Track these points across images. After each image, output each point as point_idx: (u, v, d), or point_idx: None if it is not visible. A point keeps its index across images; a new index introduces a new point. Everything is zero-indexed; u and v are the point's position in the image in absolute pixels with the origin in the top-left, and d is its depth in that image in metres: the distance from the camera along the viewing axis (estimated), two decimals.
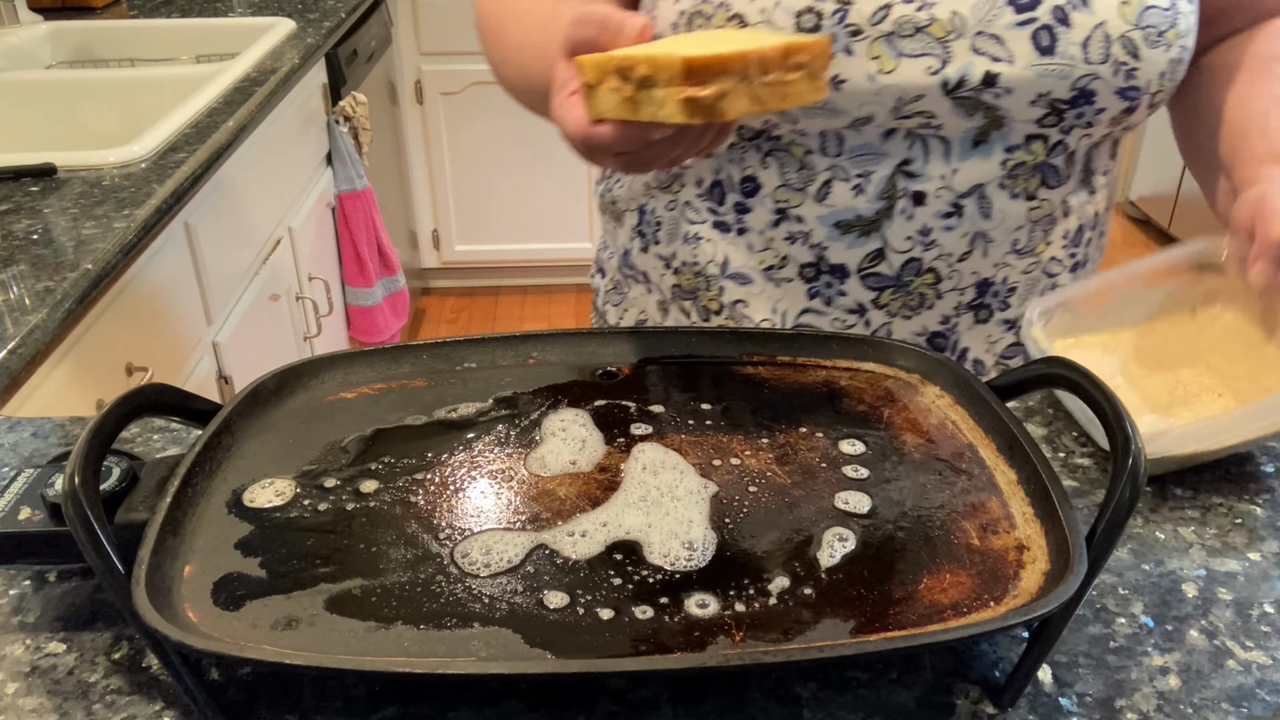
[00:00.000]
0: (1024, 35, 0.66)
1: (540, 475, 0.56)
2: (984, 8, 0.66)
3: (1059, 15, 0.66)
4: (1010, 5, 0.66)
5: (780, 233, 0.75)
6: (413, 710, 0.48)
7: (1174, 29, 0.68)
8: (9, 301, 0.99)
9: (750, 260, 0.77)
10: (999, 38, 0.66)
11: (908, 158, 0.70)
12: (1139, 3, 0.67)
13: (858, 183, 0.71)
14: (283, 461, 0.56)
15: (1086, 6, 0.66)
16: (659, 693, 0.49)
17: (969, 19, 0.66)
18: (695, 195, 0.78)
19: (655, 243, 0.83)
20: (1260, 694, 0.49)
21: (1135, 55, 0.67)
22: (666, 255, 0.82)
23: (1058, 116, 0.69)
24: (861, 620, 0.46)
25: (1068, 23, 0.66)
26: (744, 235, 0.76)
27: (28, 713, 0.48)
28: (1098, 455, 0.66)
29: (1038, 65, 0.67)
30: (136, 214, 1.17)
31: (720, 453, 0.57)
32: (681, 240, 0.80)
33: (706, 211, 0.78)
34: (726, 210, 0.76)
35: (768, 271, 0.76)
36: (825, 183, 0.72)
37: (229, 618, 0.46)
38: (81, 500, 0.45)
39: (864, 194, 0.72)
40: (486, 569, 0.49)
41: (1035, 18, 0.66)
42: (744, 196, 0.75)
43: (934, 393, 0.62)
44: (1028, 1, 0.66)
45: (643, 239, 0.84)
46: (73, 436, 0.70)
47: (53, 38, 1.92)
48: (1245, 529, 0.60)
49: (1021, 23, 0.66)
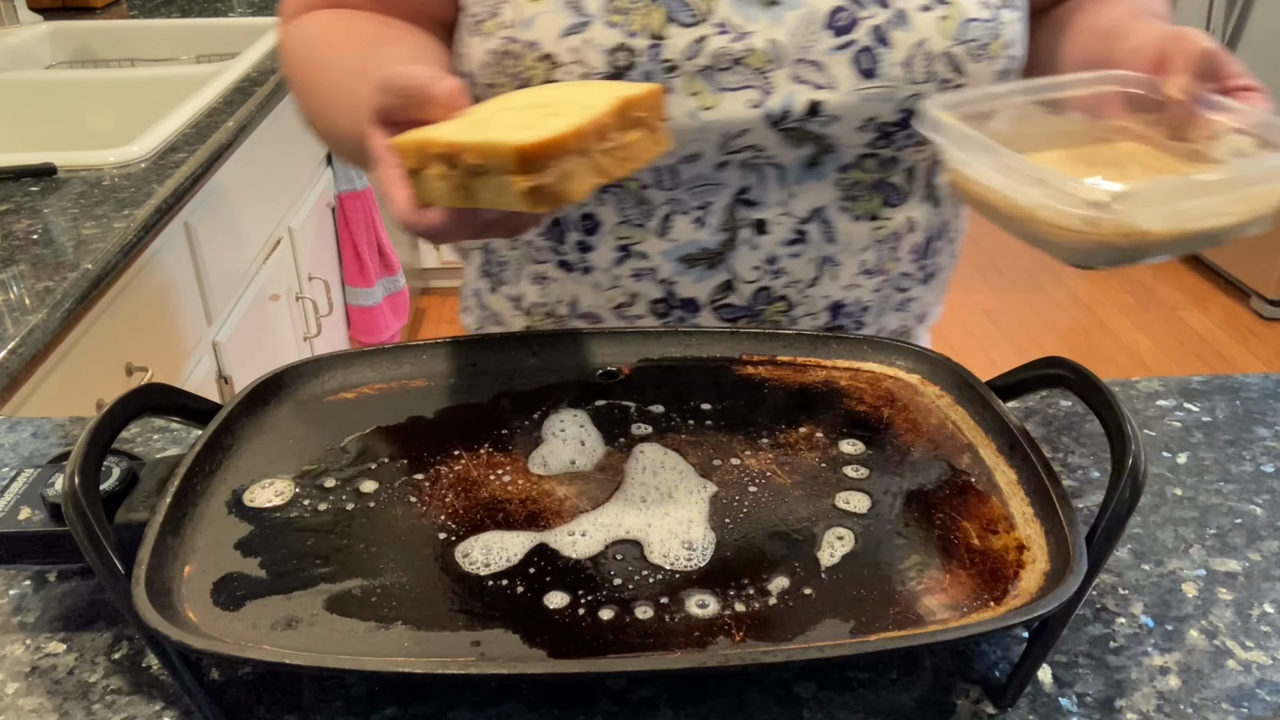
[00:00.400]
0: (844, 59, 0.64)
1: (540, 475, 0.56)
2: (801, 34, 0.64)
3: (878, 36, 0.64)
4: (828, 29, 0.64)
5: (626, 270, 0.72)
6: (413, 710, 0.48)
7: (998, 40, 0.67)
8: (9, 301, 0.99)
9: (599, 299, 0.74)
10: (819, 64, 0.64)
11: (744, 185, 0.69)
12: (959, 17, 0.65)
13: (698, 215, 0.70)
14: (283, 461, 0.56)
15: (906, 25, 0.64)
16: (659, 693, 0.49)
17: (787, 47, 0.64)
18: (537, 234, 0.75)
19: (503, 283, 0.80)
20: (1260, 694, 0.49)
21: (959, 71, 0.66)
22: (515, 296, 0.79)
23: (888, 139, 0.68)
24: (861, 620, 0.46)
25: (888, 43, 0.64)
26: (590, 274, 0.73)
27: (28, 713, 0.48)
28: (1098, 455, 0.66)
29: (861, 89, 0.65)
30: (136, 214, 1.17)
31: (720, 453, 0.57)
32: (528, 280, 0.77)
33: (549, 251, 0.74)
34: (569, 249, 0.73)
35: (618, 309, 0.74)
36: (665, 217, 0.70)
37: (229, 618, 0.46)
38: (81, 500, 0.45)
39: (705, 226, 0.70)
40: (486, 569, 0.49)
41: (854, 40, 0.64)
42: (585, 235, 0.72)
43: (934, 393, 0.62)
44: (845, 24, 0.64)
45: (490, 279, 0.81)
46: (73, 436, 0.70)
47: (53, 38, 1.92)
48: (1245, 529, 0.60)
49: (840, 46, 0.64)
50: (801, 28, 0.64)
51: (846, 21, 0.64)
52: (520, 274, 0.78)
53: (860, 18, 0.64)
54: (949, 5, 0.65)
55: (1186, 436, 0.69)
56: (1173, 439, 0.68)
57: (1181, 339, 2.98)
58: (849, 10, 0.64)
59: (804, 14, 0.64)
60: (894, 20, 0.64)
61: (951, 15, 0.65)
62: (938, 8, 0.65)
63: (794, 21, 0.64)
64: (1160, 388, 0.74)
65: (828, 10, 0.64)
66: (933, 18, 0.65)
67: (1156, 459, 0.66)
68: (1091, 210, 0.50)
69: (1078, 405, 0.72)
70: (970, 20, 0.66)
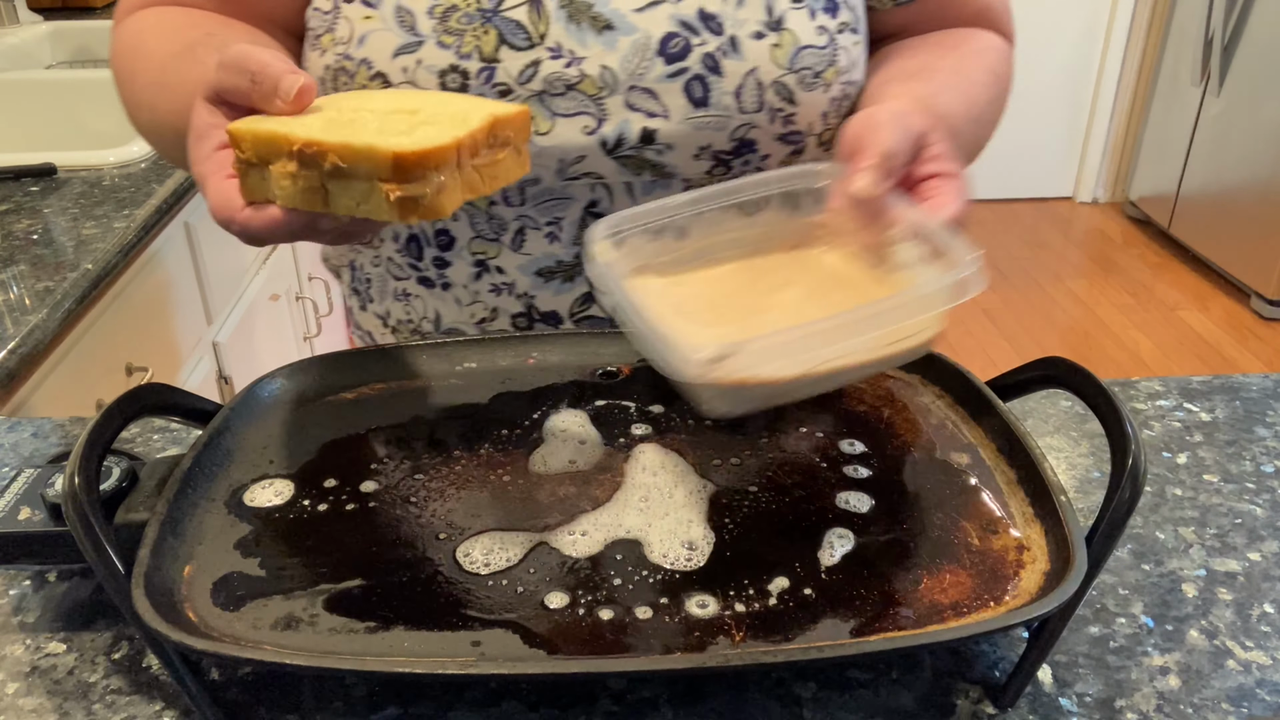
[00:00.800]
0: (676, 88, 0.64)
1: (540, 475, 0.56)
2: (634, 61, 0.63)
3: (710, 64, 0.63)
4: (660, 56, 0.63)
5: (484, 285, 0.72)
6: (413, 710, 0.48)
7: (833, 67, 0.66)
8: (9, 301, 0.99)
9: (461, 314, 0.73)
10: (652, 92, 0.64)
11: (593, 199, 0.68)
12: (792, 45, 0.64)
13: (550, 230, 0.69)
14: (283, 461, 0.56)
15: (737, 53, 0.63)
16: (659, 693, 0.49)
17: (620, 74, 0.63)
18: (395, 251, 0.74)
19: (370, 300, 0.79)
20: (1260, 694, 0.49)
21: (791, 100, 0.65)
22: (382, 313, 0.78)
23: (725, 167, 0.67)
24: (861, 620, 0.46)
25: (719, 71, 0.63)
26: (449, 290, 0.73)
27: (28, 713, 0.48)
28: (1098, 455, 0.66)
29: (693, 118, 0.64)
30: (136, 214, 1.17)
31: (720, 453, 0.57)
32: (392, 298, 0.76)
33: (408, 267, 0.73)
34: (426, 265, 0.73)
35: (480, 324, 0.74)
36: (518, 231, 0.69)
37: (229, 618, 0.46)
38: (81, 500, 0.45)
39: (559, 240, 0.69)
40: (486, 569, 0.49)
41: (687, 68, 0.63)
42: (441, 250, 0.71)
43: (934, 393, 0.62)
44: (678, 51, 0.63)
45: (359, 297, 0.80)
46: (73, 436, 0.70)
47: (53, 38, 1.92)
48: (1245, 529, 0.60)
49: (673, 74, 0.63)
50: (634, 54, 0.63)
51: (679, 49, 0.63)
52: (384, 291, 0.77)
53: (693, 45, 0.63)
54: (782, 32, 0.64)
55: (1186, 436, 0.69)
56: (1173, 439, 0.68)
57: (1181, 339, 2.98)
58: (682, 37, 0.63)
59: (637, 40, 0.63)
60: (726, 48, 0.63)
61: (784, 43, 0.64)
62: (770, 35, 0.64)
63: (627, 48, 0.63)
64: (1160, 388, 0.74)
65: (661, 37, 0.63)
66: (765, 45, 0.64)
67: (1156, 459, 0.66)
68: (703, 369, 0.47)
69: (1078, 405, 0.72)
70: (804, 48, 0.64)
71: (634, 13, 0.63)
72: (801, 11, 0.65)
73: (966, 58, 0.72)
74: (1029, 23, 3.63)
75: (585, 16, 0.63)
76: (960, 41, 0.74)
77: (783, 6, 0.64)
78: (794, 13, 0.65)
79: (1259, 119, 2.97)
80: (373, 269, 0.77)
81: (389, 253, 0.74)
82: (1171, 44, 3.44)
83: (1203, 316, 3.09)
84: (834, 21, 0.66)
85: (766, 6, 0.64)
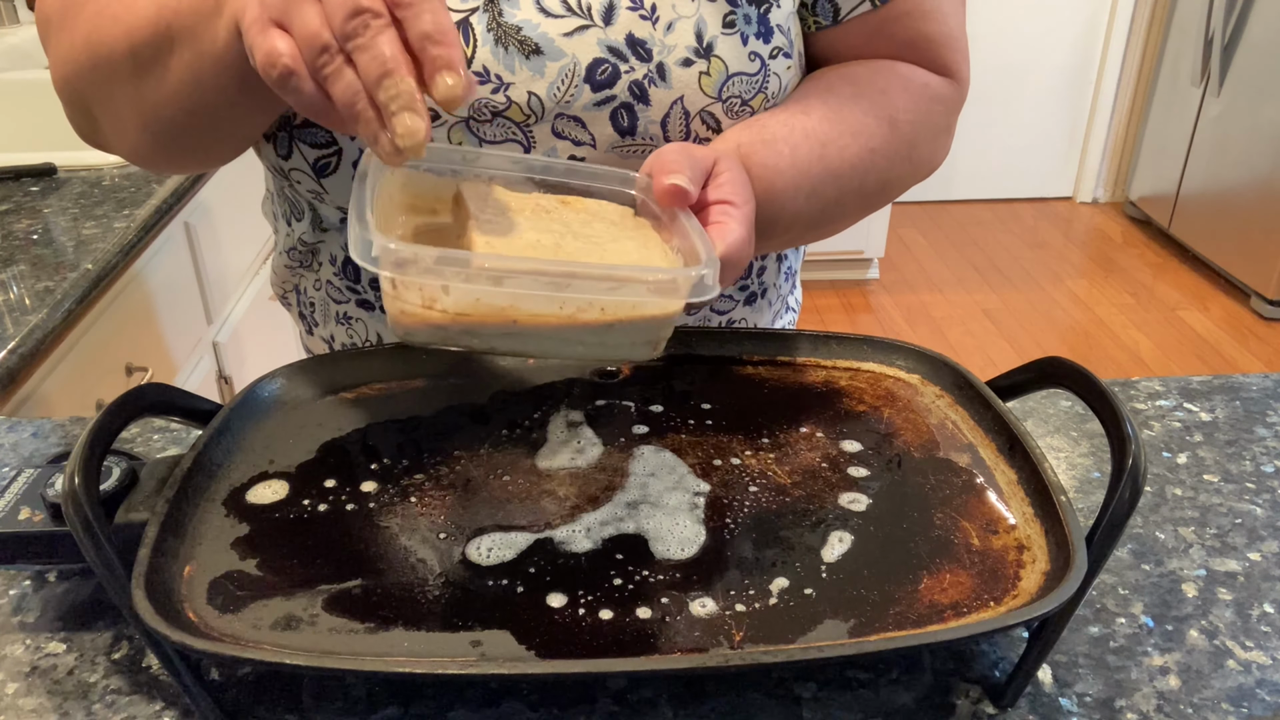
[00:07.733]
0: (603, 116, 0.62)
1: (540, 475, 0.56)
2: (561, 89, 0.62)
3: (637, 92, 0.62)
4: (588, 83, 0.62)
5: None
6: (413, 710, 0.48)
7: (762, 94, 0.64)
8: (9, 301, 0.99)
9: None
10: (579, 119, 0.62)
11: None
12: (720, 73, 0.63)
13: None
14: (282, 461, 0.56)
15: (665, 81, 0.62)
16: (659, 693, 0.49)
17: (546, 101, 0.62)
18: (333, 274, 0.73)
19: (316, 324, 0.78)
20: (1260, 694, 0.49)
21: (718, 129, 0.64)
22: (327, 338, 0.78)
23: None
24: (861, 620, 0.46)
25: (646, 100, 0.62)
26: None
27: (28, 713, 0.48)
28: (1098, 455, 0.66)
29: (620, 147, 0.63)
30: (136, 214, 1.17)
31: (720, 453, 0.57)
32: (335, 321, 0.76)
33: (347, 290, 0.73)
34: (364, 288, 0.72)
35: None
36: None
37: (229, 618, 0.46)
38: (81, 500, 0.45)
39: None
40: (486, 569, 0.49)
41: (614, 95, 0.62)
42: None
43: (934, 393, 0.62)
44: (605, 78, 0.62)
45: (305, 322, 0.80)
46: (73, 436, 0.70)
47: None
48: (1245, 529, 0.60)
49: (600, 102, 0.62)
50: (562, 81, 0.62)
51: (607, 75, 0.62)
52: (327, 315, 0.77)
53: (622, 72, 0.62)
54: (711, 59, 0.63)
55: (1186, 436, 0.69)
56: (1173, 439, 0.68)
57: (1181, 339, 2.98)
58: (610, 63, 0.62)
59: (565, 66, 0.62)
60: (653, 75, 0.62)
61: (713, 70, 0.63)
62: (699, 61, 0.62)
63: (555, 74, 0.62)
64: (1160, 388, 0.74)
65: (588, 63, 0.62)
66: (693, 73, 0.62)
67: (1156, 459, 0.66)
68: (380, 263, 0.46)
69: (1078, 405, 0.72)
70: (734, 75, 0.63)
71: (562, 37, 0.61)
72: (733, 38, 0.63)
73: (847, 101, 0.67)
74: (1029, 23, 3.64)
75: (513, 40, 0.61)
76: (867, 78, 0.68)
77: (713, 32, 0.63)
78: (725, 39, 0.63)
79: (1259, 119, 2.97)
80: (315, 293, 0.77)
81: (328, 275, 0.74)
82: (1171, 44, 3.44)
83: (1203, 316, 3.09)
84: (766, 47, 0.65)
85: (696, 33, 0.62)
